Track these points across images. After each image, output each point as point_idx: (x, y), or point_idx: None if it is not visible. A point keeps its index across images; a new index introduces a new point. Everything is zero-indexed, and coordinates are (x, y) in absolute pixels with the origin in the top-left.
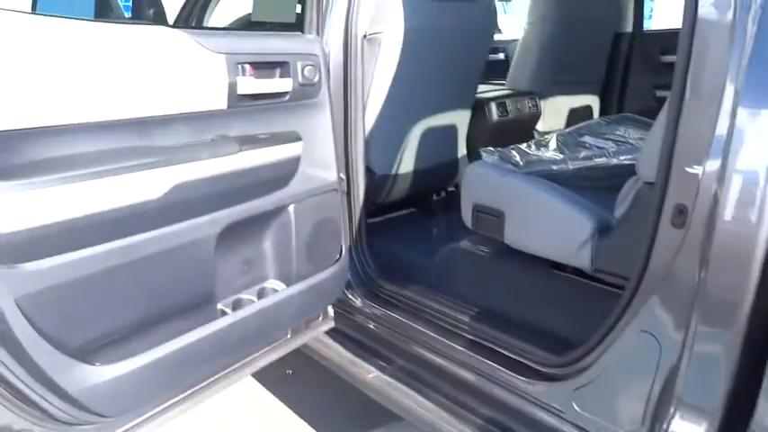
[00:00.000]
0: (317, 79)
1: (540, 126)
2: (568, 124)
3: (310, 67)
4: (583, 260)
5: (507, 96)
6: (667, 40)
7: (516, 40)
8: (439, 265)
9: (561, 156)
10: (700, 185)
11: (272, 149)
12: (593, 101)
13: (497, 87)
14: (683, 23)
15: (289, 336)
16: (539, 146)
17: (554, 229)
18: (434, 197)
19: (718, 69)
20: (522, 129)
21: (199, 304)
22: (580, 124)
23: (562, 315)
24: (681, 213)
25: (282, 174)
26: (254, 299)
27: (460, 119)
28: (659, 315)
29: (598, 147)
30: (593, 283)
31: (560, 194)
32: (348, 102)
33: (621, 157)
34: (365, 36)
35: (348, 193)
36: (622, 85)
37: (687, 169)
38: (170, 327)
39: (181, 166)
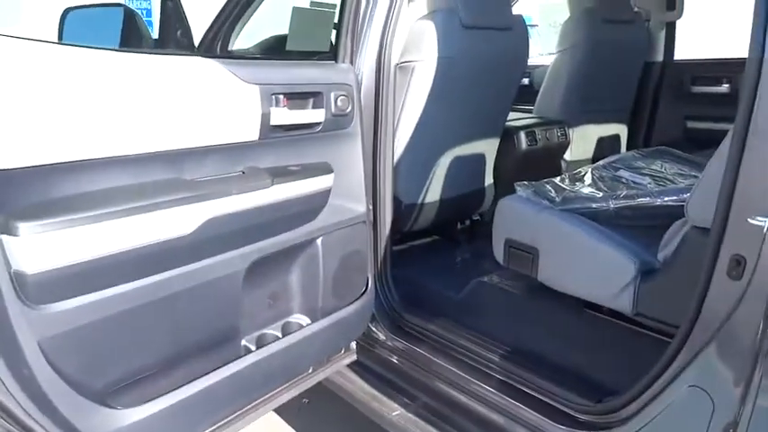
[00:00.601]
0: (349, 110)
1: (567, 155)
2: (596, 154)
3: (343, 97)
4: (623, 303)
5: (536, 125)
6: (698, 69)
7: (540, 66)
8: (466, 299)
9: (600, 193)
10: (765, 238)
11: (304, 182)
12: (621, 130)
13: (525, 116)
14: (749, 60)
15: (310, 370)
16: (573, 180)
17: (593, 269)
18: (459, 226)
19: None
20: (551, 158)
21: (223, 341)
22: (613, 157)
23: (598, 359)
24: (738, 264)
25: (313, 206)
26: (279, 334)
27: (489, 147)
28: (713, 370)
29: (635, 182)
30: (632, 326)
31: (600, 233)
32: (378, 131)
33: (666, 198)
34: (398, 64)
35: (374, 223)
36: (651, 115)
37: (748, 219)
38: (194, 365)
39: (212, 202)
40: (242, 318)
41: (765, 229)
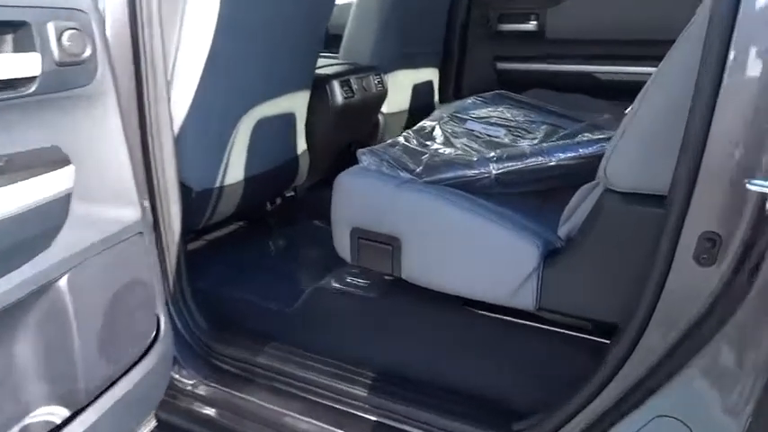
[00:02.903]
0: (88, 53)
1: (385, 107)
2: (412, 104)
3: (75, 32)
4: (524, 298)
5: (350, 73)
6: (505, 5)
7: (339, 5)
8: (302, 312)
9: (475, 156)
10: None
11: (14, 187)
12: (433, 75)
13: (333, 61)
14: None
15: None
16: (423, 138)
17: (482, 259)
18: (269, 207)
19: None
20: (369, 112)
21: None
22: (450, 106)
23: (497, 370)
24: (712, 246)
25: (40, 226)
26: None
27: (299, 103)
28: (692, 394)
29: (491, 135)
30: (528, 322)
31: (486, 210)
32: (144, 87)
33: (562, 156)
34: None
35: (156, 226)
36: (461, 57)
37: (725, 185)
38: None
39: None
40: None
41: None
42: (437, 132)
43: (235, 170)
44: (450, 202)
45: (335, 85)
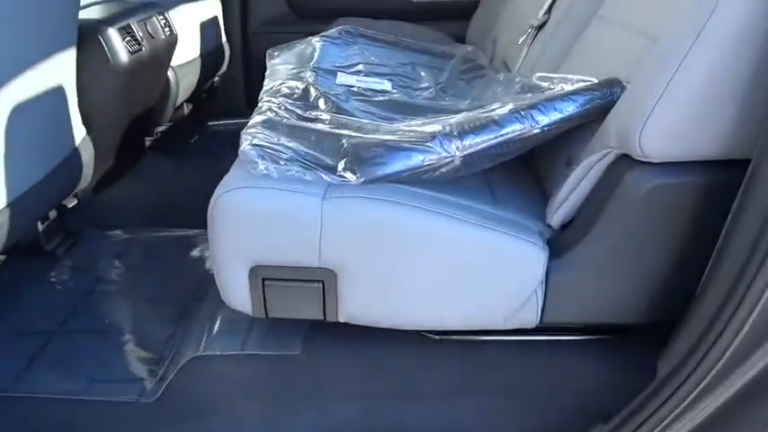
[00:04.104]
0: None
1: (174, 59)
2: (203, 48)
3: None
4: (524, 316)
5: (129, 14)
6: None
7: None
8: (167, 398)
9: (429, 129)
10: None
11: None
12: (216, 7)
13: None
14: None
15: None
16: (302, 108)
17: (465, 278)
18: (40, 226)
19: None
20: (160, 68)
21: None
22: (293, 51)
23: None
24: None
25: None
26: None
27: (62, 72)
28: None
29: (375, 90)
30: (503, 338)
31: (459, 212)
32: None
33: (552, 119)
34: None
35: None
36: None
37: None
38: None
39: None
40: None
41: None
42: (313, 94)
43: None
44: (409, 208)
45: (113, 34)
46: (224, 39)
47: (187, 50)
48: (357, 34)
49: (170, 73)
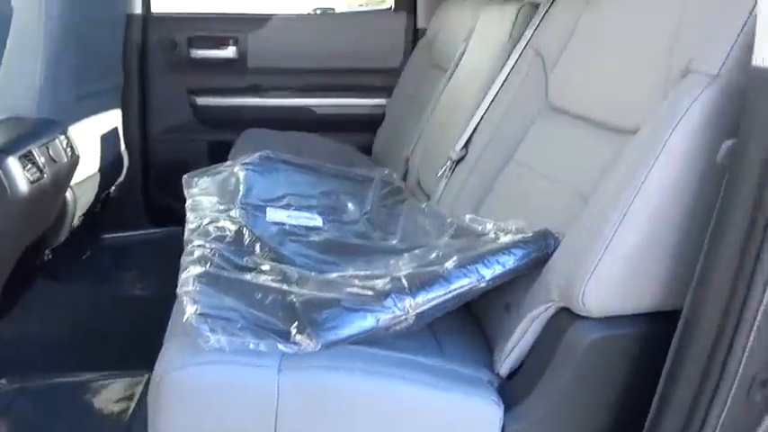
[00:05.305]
0: None
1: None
2: (102, 162)
3: None
4: None
5: (30, 138)
6: (193, 27)
7: None
8: None
9: (369, 288)
10: None
11: None
12: (116, 118)
13: None
14: None
15: None
16: (237, 254)
17: None
18: None
19: None
20: (59, 191)
21: None
22: (215, 178)
23: None
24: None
25: None
26: None
27: None
28: None
29: (308, 228)
30: None
31: (411, 371)
32: None
33: (497, 272)
34: None
35: None
36: (143, 90)
37: None
38: None
39: None
40: None
41: None
42: (248, 238)
43: None
44: (368, 375)
45: (12, 164)
46: (123, 147)
47: (86, 166)
48: (277, 160)
49: (68, 193)
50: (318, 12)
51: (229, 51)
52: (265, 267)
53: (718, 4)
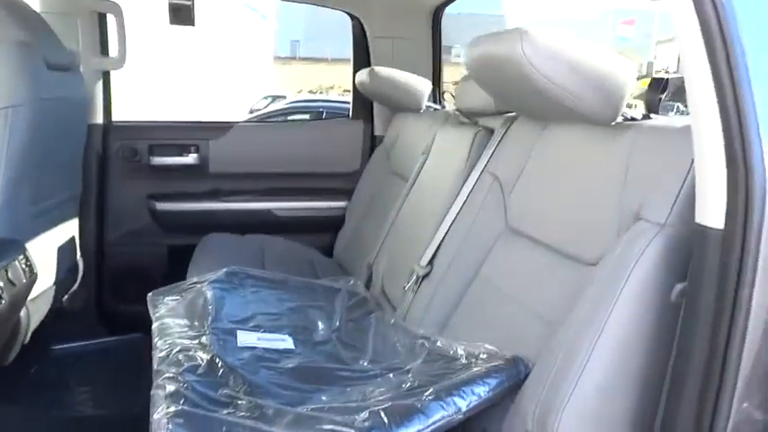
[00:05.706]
0: None
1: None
2: (58, 275)
3: None
4: None
5: None
6: (154, 135)
7: None
8: None
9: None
10: None
11: None
12: (74, 228)
13: None
14: None
15: None
16: (212, 387)
17: None
18: None
19: None
20: (15, 313)
21: None
22: (185, 298)
23: None
24: None
25: None
26: None
27: None
28: None
29: (279, 350)
30: None
31: None
32: None
33: (464, 404)
34: None
35: None
36: (101, 199)
37: None
38: None
39: None
40: None
41: None
42: (220, 369)
43: None
44: None
45: None
46: (78, 255)
47: (42, 281)
48: (244, 276)
49: (22, 311)
50: (270, 99)
51: (190, 158)
52: (241, 402)
53: (661, 156)
